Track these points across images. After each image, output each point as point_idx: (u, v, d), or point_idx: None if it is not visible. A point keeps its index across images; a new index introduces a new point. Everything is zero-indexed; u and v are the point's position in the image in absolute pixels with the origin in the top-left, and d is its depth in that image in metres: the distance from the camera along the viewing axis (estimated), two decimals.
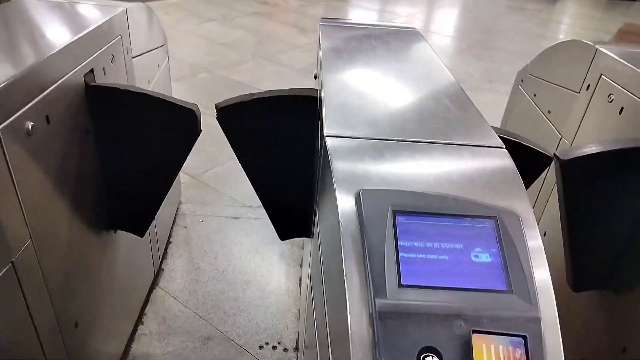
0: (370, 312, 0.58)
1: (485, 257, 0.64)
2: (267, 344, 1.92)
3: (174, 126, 1.41)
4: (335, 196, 0.74)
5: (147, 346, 1.87)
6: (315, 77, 1.59)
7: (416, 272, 0.62)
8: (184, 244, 2.44)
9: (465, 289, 0.60)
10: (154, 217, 1.61)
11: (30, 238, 1.07)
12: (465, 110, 1.03)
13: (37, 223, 1.09)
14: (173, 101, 1.37)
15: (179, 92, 4.16)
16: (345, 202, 0.73)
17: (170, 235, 2.46)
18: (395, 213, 0.67)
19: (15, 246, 1.01)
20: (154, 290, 2.13)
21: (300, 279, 2.27)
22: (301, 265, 2.35)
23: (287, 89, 1.37)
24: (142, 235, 1.63)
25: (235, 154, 1.44)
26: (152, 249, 2.06)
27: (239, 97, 1.34)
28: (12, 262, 1.00)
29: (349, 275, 0.64)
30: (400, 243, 0.65)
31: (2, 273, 0.97)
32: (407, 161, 0.83)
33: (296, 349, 1.91)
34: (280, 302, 2.13)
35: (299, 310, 2.08)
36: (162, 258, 2.28)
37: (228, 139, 1.40)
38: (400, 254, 0.63)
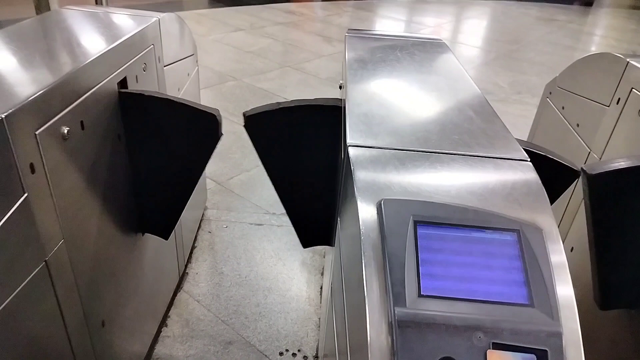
0: (390, 320, 0.59)
1: (506, 270, 0.64)
2: (287, 350, 1.93)
3: (196, 130, 1.45)
4: (356, 205, 0.75)
5: (170, 348, 1.90)
6: (341, 87, 1.60)
7: (436, 283, 0.62)
8: (209, 248, 2.48)
9: (486, 301, 0.60)
10: (177, 220, 1.64)
11: (63, 238, 1.11)
12: (489, 122, 1.03)
13: (70, 224, 1.13)
14: (195, 106, 1.41)
15: (207, 100, 4.25)
16: (366, 212, 0.74)
17: (195, 239, 2.50)
18: (416, 223, 0.68)
19: (49, 246, 1.05)
20: (178, 294, 2.17)
21: (321, 287, 2.27)
22: (322, 274, 2.36)
23: (312, 98, 1.39)
24: (166, 237, 1.67)
25: (261, 160, 1.47)
26: (177, 253, 2.11)
27: (265, 106, 1.37)
28: (45, 262, 1.04)
29: (369, 283, 0.64)
30: (420, 253, 0.65)
31: (36, 271, 1.01)
32: (429, 172, 0.83)
33: (316, 357, 1.91)
34: (301, 310, 2.14)
35: (319, 318, 2.09)
36: (187, 262, 2.33)
37: (254, 146, 1.44)
38: (421, 264, 0.64)
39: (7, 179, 0.91)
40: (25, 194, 0.96)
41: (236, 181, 3.09)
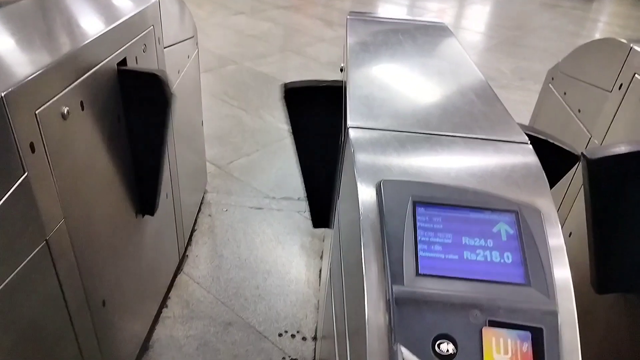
0: (387, 298, 0.59)
1: (504, 250, 0.64)
2: (286, 332, 1.95)
3: (147, 95, 1.44)
4: (356, 186, 0.75)
5: (170, 329, 1.92)
6: (342, 70, 1.60)
7: (434, 262, 0.63)
8: (209, 231, 2.49)
9: (483, 280, 0.61)
10: (156, 196, 1.63)
11: (64, 218, 1.11)
12: (490, 106, 1.03)
13: (70, 204, 1.14)
14: (139, 69, 1.41)
15: (208, 83, 4.22)
16: (366, 193, 0.74)
17: (195, 222, 2.51)
18: (415, 204, 0.68)
19: (49, 225, 1.06)
20: (179, 276, 2.19)
21: (320, 271, 2.29)
22: (321, 257, 2.37)
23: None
24: (152, 213, 1.66)
25: (292, 134, 1.49)
26: (177, 236, 2.12)
27: (305, 82, 1.40)
28: (46, 241, 1.05)
29: (367, 263, 0.65)
30: (419, 233, 0.65)
31: (37, 250, 1.02)
32: (429, 154, 0.83)
33: (314, 338, 1.93)
34: (300, 292, 2.16)
35: (318, 301, 2.11)
36: (187, 244, 2.34)
37: (288, 119, 1.46)
38: (419, 244, 0.64)
39: (7, 158, 0.91)
40: (26, 173, 0.96)
41: (236, 165, 3.09)
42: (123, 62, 1.40)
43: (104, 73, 1.27)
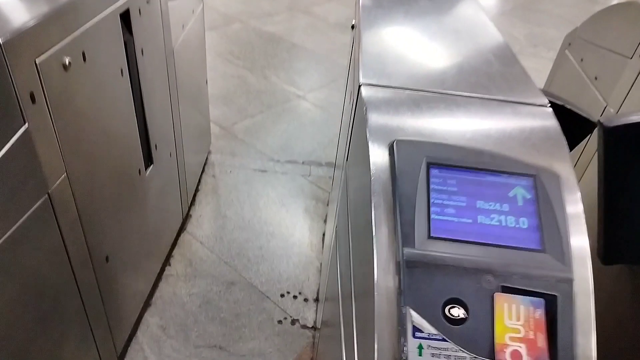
0: (398, 260, 0.57)
1: (520, 215, 0.62)
2: (288, 292, 1.97)
3: None
4: (367, 146, 0.72)
5: (173, 286, 1.94)
6: (353, 27, 1.53)
7: (447, 226, 0.61)
8: (212, 192, 2.48)
9: (497, 245, 0.59)
10: None
11: (66, 172, 1.09)
12: (509, 66, 0.98)
13: (72, 158, 1.11)
14: None
15: (212, 42, 4.12)
16: (377, 153, 0.71)
17: (199, 182, 2.50)
18: (429, 165, 0.66)
19: (51, 179, 1.04)
20: (182, 235, 2.19)
21: (323, 234, 2.29)
22: (325, 221, 2.37)
23: None
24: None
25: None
26: (181, 195, 2.11)
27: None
28: (48, 194, 1.03)
29: (377, 224, 0.63)
30: (432, 195, 0.63)
31: (38, 204, 1.01)
32: (444, 114, 0.80)
33: (316, 300, 1.95)
34: (302, 255, 2.16)
35: (320, 264, 2.12)
36: (190, 204, 2.33)
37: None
38: (432, 206, 0.62)
39: (6, 108, 0.88)
40: (26, 124, 0.93)
41: (240, 127, 3.05)
42: (126, 13, 1.34)
43: (107, 24, 1.22)
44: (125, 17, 1.35)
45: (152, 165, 1.67)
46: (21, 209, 0.96)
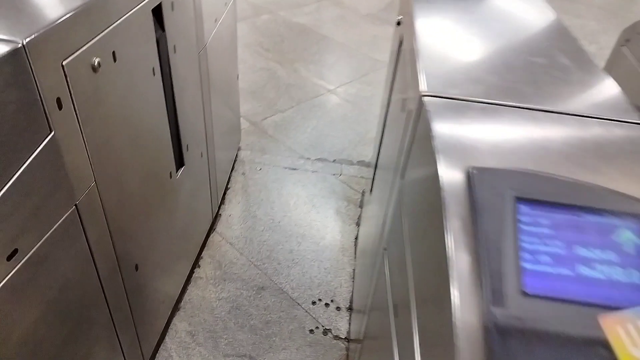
0: (486, 324, 0.47)
1: (632, 268, 0.51)
2: (320, 300, 1.89)
3: None
4: (435, 167, 0.62)
5: (202, 290, 1.88)
6: (398, 24, 1.42)
7: (543, 279, 0.50)
8: (242, 191, 2.41)
9: (608, 306, 0.48)
10: None
11: (95, 181, 1.03)
12: (589, 73, 0.86)
13: (102, 165, 1.04)
14: None
15: (241, 33, 4.04)
16: (449, 176, 0.61)
17: (228, 181, 2.43)
18: (517, 200, 0.55)
19: (79, 189, 0.97)
20: (211, 235, 2.13)
21: (356, 238, 2.19)
22: (357, 224, 2.27)
23: None
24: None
25: None
26: (211, 194, 2.04)
27: None
28: (75, 206, 0.97)
29: (455, 269, 0.53)
30: (522, 238, 0.53)
31: (65, 216, 0.94)
32: (524, 133, 0.69)
33: (349, 309, 1.86)
34: (334, 259, 2.08)
35: (353, 270, 2.02)
36: (220, 203, 2.27)
37: None
38: (523, 253, 0.52)
39: (31, 115, 0.81)
40: (52, 132, 0.86)
41: (270, 122, 2.97)
42: (158, 7, 1.26)
43: (138, 20, 1.14)
44: (157, 12, 1.27)
45: (183, 167, 1.60)
46: (47, 224, 0.90)
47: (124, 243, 1.21)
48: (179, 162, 1.58)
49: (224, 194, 2.35)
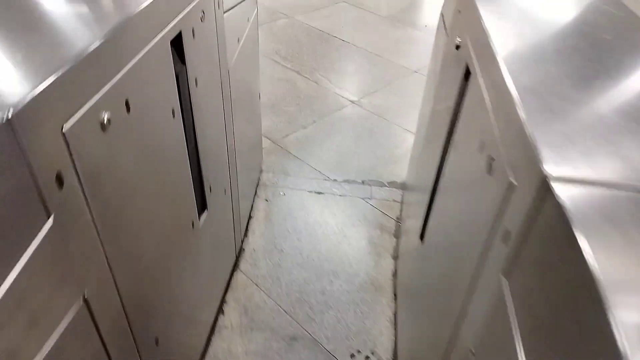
0: None
1: None
2: (359, 352, 1.69)
3: None
4: (610, 322, 0.42)
5: (228, 342, 1.69)
6: (457, 47, 1.21)
7: None
8: (265, 220, 2.22)
9: None
10: None
11: (107, 262, 0.83)
12: None
13: (114, 242, 0.85)
14: None
15: (259, 40, 3.85)
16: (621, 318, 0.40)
17: (251, 209, 2.24)
18: None
19: (88, 278, 0.78)
20: (235, 274, 1.94)
21: (393, 275, 1.99)
22: (394, 257, 2.07)
23: None
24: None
25: None
26: (234, 228, 1.85)
27: None
28: (85, 299, 0.78)
29: None
30: None
31: (73, 316, 0.75)
32: None
33: None
34: (371, 301, 1.87)
35: (393, 313, 1.82)
36: (243, 236, 2.08)
37: None
38: None
39: (23, 206, 0.62)
40: (50, 220, 0.67)
41: (292, 139, 2.77)
42: (178, 37, 1.07)
43: (155, 56, 0.95)
44: (177, 43, 1.08)
45: (205, 211, 1.41)
46: (49, 330, 0.71)
47: (142, 320, 1.02)
48: (202, 207, 1.39)
49: (247, 224, 2.16)
